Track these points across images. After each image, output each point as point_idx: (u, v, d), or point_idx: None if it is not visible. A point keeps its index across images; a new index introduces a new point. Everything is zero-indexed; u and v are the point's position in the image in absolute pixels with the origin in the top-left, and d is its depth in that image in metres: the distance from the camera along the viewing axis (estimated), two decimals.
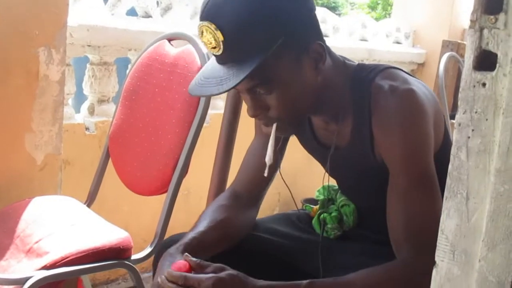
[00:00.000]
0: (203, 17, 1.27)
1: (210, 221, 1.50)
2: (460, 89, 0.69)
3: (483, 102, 0.68)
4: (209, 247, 1.45)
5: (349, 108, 1.41)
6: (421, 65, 5.06)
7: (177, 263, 1.30)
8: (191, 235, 1.44)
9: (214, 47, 1.27)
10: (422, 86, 1.36)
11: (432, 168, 1.30)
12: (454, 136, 0.71)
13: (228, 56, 1.27)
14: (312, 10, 1.33)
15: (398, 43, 5.02)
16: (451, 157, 0.72)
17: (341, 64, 1.43)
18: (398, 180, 1.31)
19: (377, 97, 1.34)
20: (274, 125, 1.40)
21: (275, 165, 1.60)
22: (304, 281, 1.24)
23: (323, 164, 1.60)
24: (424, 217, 1.26)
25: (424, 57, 5.04)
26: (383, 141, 1.34)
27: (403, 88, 1.32)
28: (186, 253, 1.32)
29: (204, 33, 1.27)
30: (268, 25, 1.24)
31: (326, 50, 1.35)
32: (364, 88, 1.38)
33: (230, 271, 1.25)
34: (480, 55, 0.68)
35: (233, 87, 1.25)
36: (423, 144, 1.30)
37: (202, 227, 1.48)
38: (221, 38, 1.24)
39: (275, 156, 1.59)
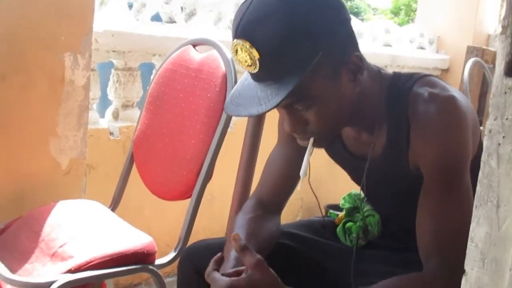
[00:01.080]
0: (237, 35, 1.23)
1: (245, 235, 1.46)
2: (491, 96, 0.69)
3: None
4: None
5: (384, 118, 1.38)
6: (445, 71, 5.02)
7: None
8: (233, 254, 1.39)
9: (250, 65, 1.23)
10: (460, 94, 1.34)
11: (467, 178, 1.27)
12: (485, 143, 0.70)
13: (265, 74, 1.24)
14: (348, 20, 1.31)
15: (421, 48, 4.99)
16: (482, 164, 0.71)
17: (376, 73, 1.40)
18: (432, 187, 1.28)
19: (416, 105, 1.31)
20: (311, 140, 1.37)
21: (298, 172, 1.59)
22: None
23: (352, 173, 1.59)
24: (455, 227, 1.23)
25: (448, 63, 5.00)
26: (421, 147, 1.31)
27: (444, 95, 1.30)
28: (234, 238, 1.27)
29: (239, 52, 1.24)
30: (305, 41, 1.21)
31: (364, 61, 1.32)
32: (402, 97, 1.35)
33: (265, 269, 1.23)
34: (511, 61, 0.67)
35: (273, 108, 1.22)
36: (461, 152, 1.28)
37: None
38: (257, 56, 1.21)
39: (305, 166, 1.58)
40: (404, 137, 1.35)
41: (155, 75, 2.11)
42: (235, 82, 1.79)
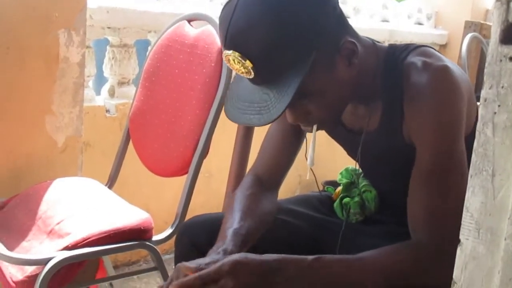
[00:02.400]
0: (226, 46, 1.21)
1: (244, 212, 1.45)
2: (486, 64, 0.68)
3: (510, 76, 0.66)
4: (249, 239, 1.40)
5: (380, 90, 1.37)
6: (443, 46, 5.00)
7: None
8: (232, 230, 1.37)
9: (245, 73, 1.22)
10: (455, 65, 1.33)
11: (461, 149, 1.25)
12: (480, 111, 0.69)
13: (262, 79, 1.23)
14: (335, 7, 1.27)
15: (419, 24, 4.96)
16: (477, 134, 0.70)
17: (371, 47, 1.38)
18: (424, 157, 1.27)
19: (409, 74, 1.30)
20: (315, 126, 1.36)
21: (296, 149, 1.58)
22: (311, 256, 1.21)
23: (348, 148, 1.58)
24: (447, 199, 1.23)
25: (446, 38, 4.98)
26: (413, 118, 1.30)
27: (438, 64, 1.28)
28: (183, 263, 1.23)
29: (231, 62, 1.22)
30: (296, 43, 1.19)
31: (357, 44, 1.30)
32: (397, 67, 1.34)
33: (237, 253, 1.21)
34: (507, 28, 0.66)
35: (276, 119, 1.21)
36: (455, 122, 1.26)
37: (238, 220, 1.42)
38: (250, 65, 1.19)
39: (301, 141, 1.57)
40: (399, 108, 1.33)
41: (150, 51, 2.10)
42: None
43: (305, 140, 1.59)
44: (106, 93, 2.87)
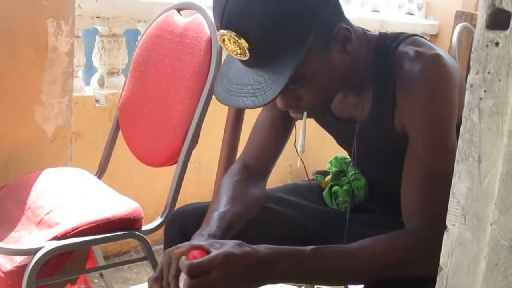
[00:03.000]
0: (222, 26, 1.19)
1: (230, 197, 1.44)
2: (472, 49, 0.67)
3: (496, 62, 0.66)
4: (234, 224, 1.39)
5: (371, 79, 1.37)
6: (434, 36, 5.00)
7: (191, 252, 1.17)
8: (217, 214, 1.37)
9: (240, 54, 1.20)
10: (446, 54, 1.32)
11: (453, 138, 1.25)
12: (466, 97, 0.69)
13: (256, 61, 1.21)
14: None
15: (410, 14, 4.96)
16: (463, 119, 0.70)
17: (362, 36, 1.38)
18: (417, 146, 1.27)
19: (401, 63, 1.30)
20: (305, 113, 1.35)
21: (285, 137, 1.58)
22: (309, 247, 1.21)
23: (338, 137, 1.58)
24: (439, 187, 1.22)
25: (437, 28, 4.98)
26: (406, 106, 1.30)
27: (430, 53, 1.28)
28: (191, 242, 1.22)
29: (226, 42, 1.20)
30: (293, 26, 1.18)
31: (352, 31, 1.29)
32: (388, 57, 1.33)
33: (232, 242, 1.18)
34: (493, 13, 0.66)
35: (271, 101, 1.19)
36: (447, 111, 1.26)
37: (224, 204, 1.42)
38: (246, 45, 1.18)
39: (290, 130, 1.57)
40: (391, 97, 1.34)
41: (139, 41, 2.09)
42: (220, 46, 1.77)
43: (294, 129, 1.59)
44: (96, 83, 2.86)
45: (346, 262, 1.21)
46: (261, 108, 1.61)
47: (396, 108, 1.33)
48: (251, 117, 1.68)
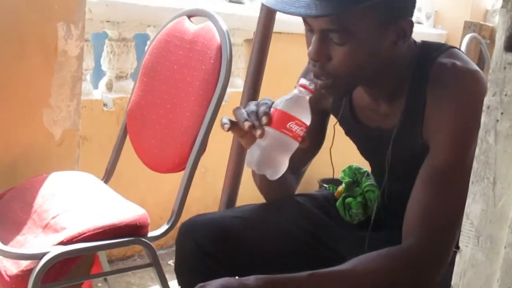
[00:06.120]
0: None
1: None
2: (490, 71, 0.67)
3: None
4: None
5: (405, 88, 1.35)
6: None
7: None
8: None
9: None
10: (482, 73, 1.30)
11: (472, 156, 1.24)
12: (482, 119, 0.69)
13: None
14: None
15: (419, 23, 4.94)
16: (479, 141, 0.70)
17: (412, 43, 1.36)
18: (436, 158, 1.25)
19: (436, 75, 1.28)
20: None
21: (316, 144, 1.59)
22: (304, 273, 1.19)
23: (365, 146, 1.56)
24: (447, 207, 1.20)
25: (445, 38, 4.97)
26: (434, 117, 1.27)
27: (467, 67, 1.27)
28: None
29: None
30: None
31: (411, 31, 1.29)
32: (426, 68, 1.31)
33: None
34: None
35: (325, 15, 1.18)
36: (473, 130, 1.24)
37: None
38: None
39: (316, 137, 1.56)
40: (422, 108, 1.31)
41: (149, 46, 2.09)
42: (230, 54, 1.77)
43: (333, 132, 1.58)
44: (104, 87, 2.85)
45: (342, 285, 1.20)
46: None
47: (425, 120, 1.31)
48: None
